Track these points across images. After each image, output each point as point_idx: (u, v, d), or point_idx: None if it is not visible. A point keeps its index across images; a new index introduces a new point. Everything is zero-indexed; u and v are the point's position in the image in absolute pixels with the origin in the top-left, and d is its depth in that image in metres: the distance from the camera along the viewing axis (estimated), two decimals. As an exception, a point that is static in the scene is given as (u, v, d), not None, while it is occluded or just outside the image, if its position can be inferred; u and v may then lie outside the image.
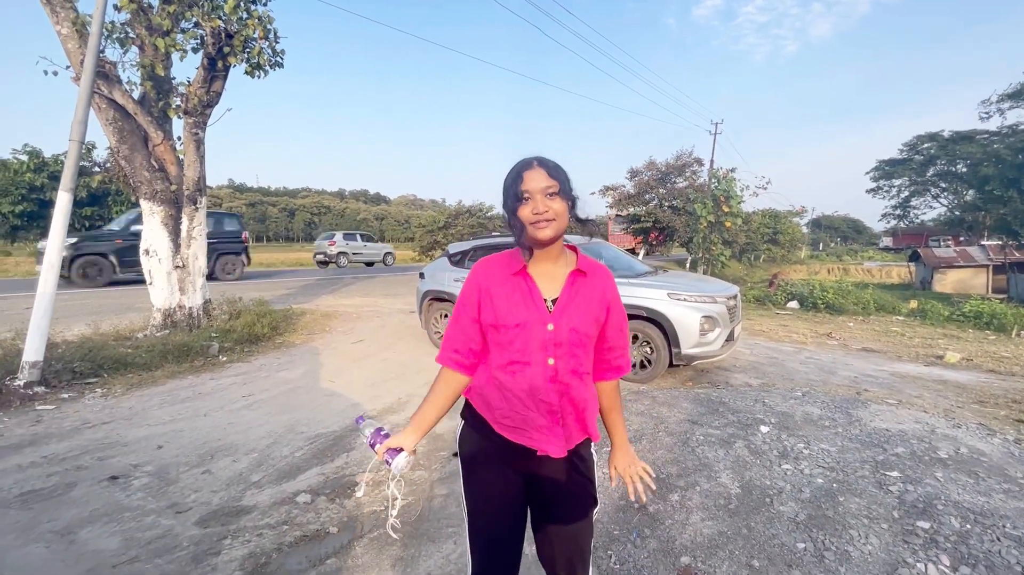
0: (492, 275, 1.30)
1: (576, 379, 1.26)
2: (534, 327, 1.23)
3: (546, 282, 1.28)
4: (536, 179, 1.19)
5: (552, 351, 1.23)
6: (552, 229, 1.19)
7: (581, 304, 1.26)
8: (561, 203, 1.19)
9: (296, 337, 6.99)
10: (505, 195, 1.24)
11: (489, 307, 1.28)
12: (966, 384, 5.03)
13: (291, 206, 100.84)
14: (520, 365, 1.25)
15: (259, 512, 2.67)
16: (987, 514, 2.47)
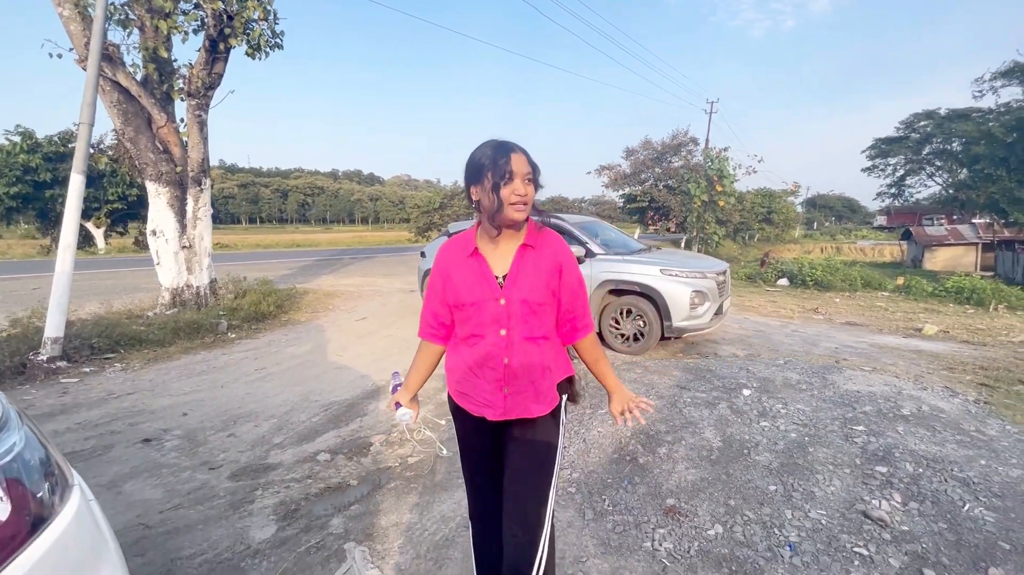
0: (451, 259, 1.43)
1: (531, 344, 1.37)
2: (487, 303, 1.35)
3: (497, 259, 1.39)
4: (521, 163, 1.29)
5: (505, 322, 1.35)
6: (525, 212, 1.32)
7: (530, 275, 1.35)
8: (532, 190, 1.32)
9: (301, 315, 7.21)
10: (489, 171, 1.29)
11: (451, 288, 1.41)
12: (939, 353, 5.34)
13: (284, 187, 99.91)
14: (476, 338, 1.39)
15: (284, 468, 2.94)
16: (938, 460, 2.77)
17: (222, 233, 43.33)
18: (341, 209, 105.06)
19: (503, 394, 1.38)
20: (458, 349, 1.46)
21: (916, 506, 2.39)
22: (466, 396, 1.44)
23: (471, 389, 1.42)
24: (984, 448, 2.94)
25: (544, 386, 1.41)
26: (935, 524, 2.26)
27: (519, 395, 1.38)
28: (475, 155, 1.33)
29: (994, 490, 2.51)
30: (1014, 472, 2.68)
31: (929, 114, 26.46)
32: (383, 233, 53.78)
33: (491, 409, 1.40)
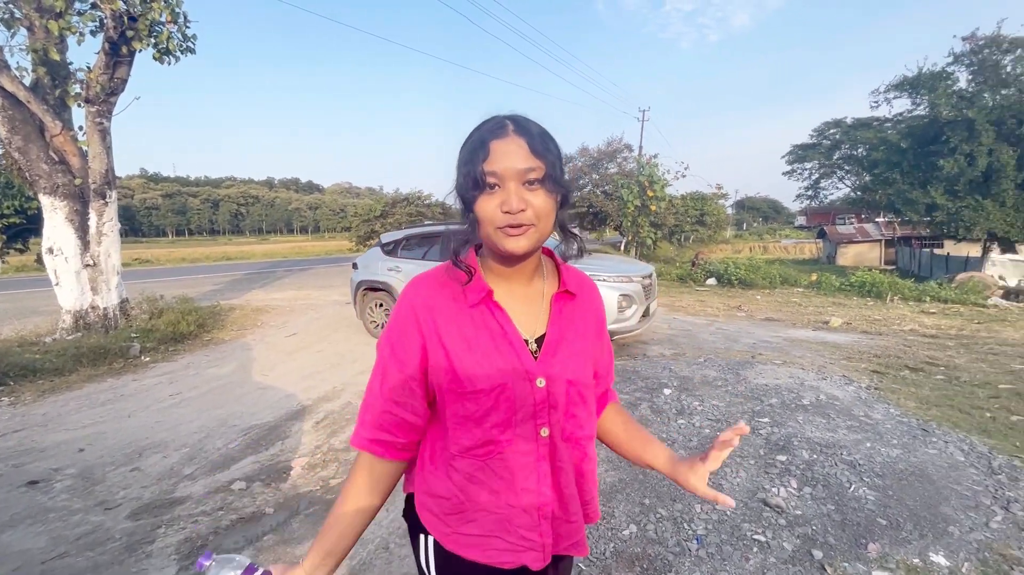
0: (439, 305, 0.83)
1: (575, 448, 0.88)
2: (518, 386, 0.80)
3: (522, 312, 0.85)
4: (511, 155, 0.73)
5: (546, 417, 0.82)
6: (528, 239, 0.76)
7: (575, 340, 0.87)
8: (546, 198, 0.75)
9: (225, 334, 6.82)
10: (459, 174, 0.78)
11: (442, 359, 0.81)
12: (841, 344, 5.83)
13: (215, 196, 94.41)
14: (498, 446, 0.82)
15: (193, 502, 2.76)
16: (830, 446, 3.02)
17: (144, 247, 40.29)
18: (278, 219, 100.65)
19: (550, 526, 0.86)
20: (455, 467, 0.84)
21: (809, 491, 2.59)
22: (485, 542, 0.84)
23: (496, 528, 0.84)
24: (870, 431, 3.23)
25: (592, 504, 0.93)
26: (824, 506, 2.46)
27: (571, 523, 0.87)
28: (464, 143, 0.81)
29: (876, 470, 2.76)
30: (894, 452, 2.96)
31: (837, 122, 28.99)
32: (323, 243, 51.98)
33: (535, 552, 0.85)
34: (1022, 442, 3.11)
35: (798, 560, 2.11)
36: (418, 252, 6.31)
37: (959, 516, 2.36)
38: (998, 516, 2.36)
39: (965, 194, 15.23)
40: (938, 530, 2.27)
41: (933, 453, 2.95)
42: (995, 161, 14.59)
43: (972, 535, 2.23)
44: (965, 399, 3.86)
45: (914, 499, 2.50)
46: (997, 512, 2.39)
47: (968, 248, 18.21)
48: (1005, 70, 15.20)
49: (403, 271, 6.20)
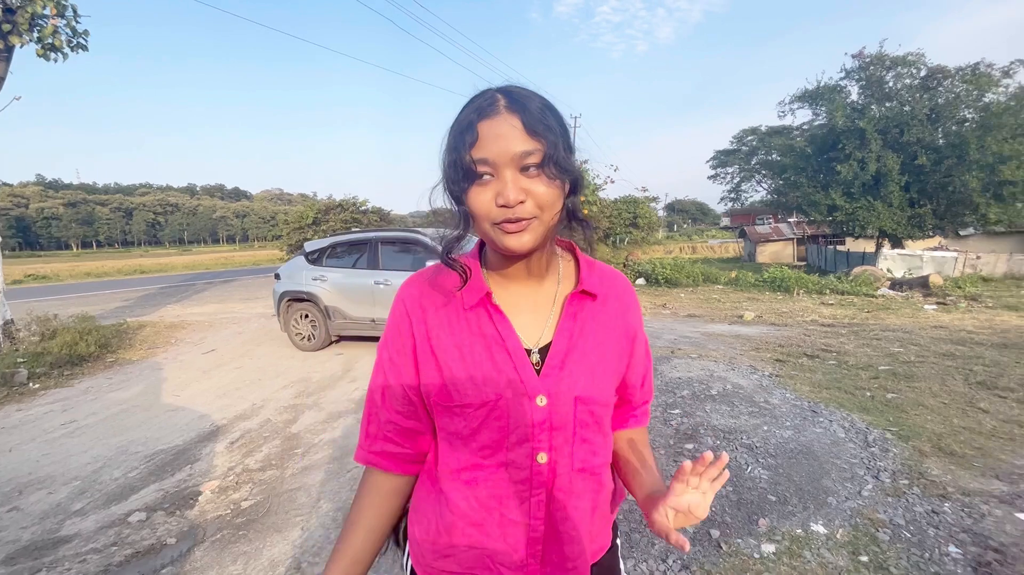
0: (432, 306, 0.74)
1: (587, 479, 0.74)
2: (513, 403, 0.69)
3: (526, 316, 0.74)
4: (503, 137, 0.61)
5: (546, 441, 0.69)
6: (531, 233, 0.64)
7: (590, 352, 0.73)
8: (549, 185, 0.63)
9: (133, 353, 6.30)
10: (445, 163, 0.66)
11: (432, 369, 0.72)
12: (751, 336, 6.29)
13: (127, 205, 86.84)
14: (488, 470, 0.71)
15: (81, 539, 2.53)
16: (732, 431, 3.26)
17: (42, 262, 36.34)
18: (202, 228, 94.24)
19: (539, 566, 0.73)
20: (442, 489, 0.75)
21: (712, 474, 2.78)
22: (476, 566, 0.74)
23: (479, 564, 0.73)
24: (768, 415, 3.52)
25: (601, 538, 0.81)
26: (723, 488, 2.64)
27: (566, 567, 0.74)
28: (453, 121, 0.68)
29: (770, 451, 3.01)
30: (786, 433, 3.24)
31: (754, 130, 31.34)
32: (252, 252, 49.22)
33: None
34: (894, 417, 3.50)
35: (697, 540, 2.26)
36: (347, 260, 6.15)
37: (837, 487, 2.63)
38: (869, 485, 2.64)
39: (859, 196, 16.92)
40: (819, 501, 2.51)
41: (819, 432, 3.26)
42: (883, 166, 16.33)
43: (847, 503, 2.48)
44: (850, 381, 4.30)
45: (800, 475, 2.74)
46: (868, 481, 2.68)
47: (865, 244, 20.21)
48: (888, 85, 17.06)
49: (329, 280, 6.02)
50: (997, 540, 2.15)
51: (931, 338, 5.85)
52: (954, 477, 2.67)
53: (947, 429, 3.26)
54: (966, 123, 16.05)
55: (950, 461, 2.85)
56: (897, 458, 2.90)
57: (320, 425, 3.87)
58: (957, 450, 2.96)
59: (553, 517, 0.72)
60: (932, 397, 3.86)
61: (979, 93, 15.60)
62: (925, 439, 3.12)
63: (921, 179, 16.48)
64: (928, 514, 2.36)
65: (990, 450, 2.96)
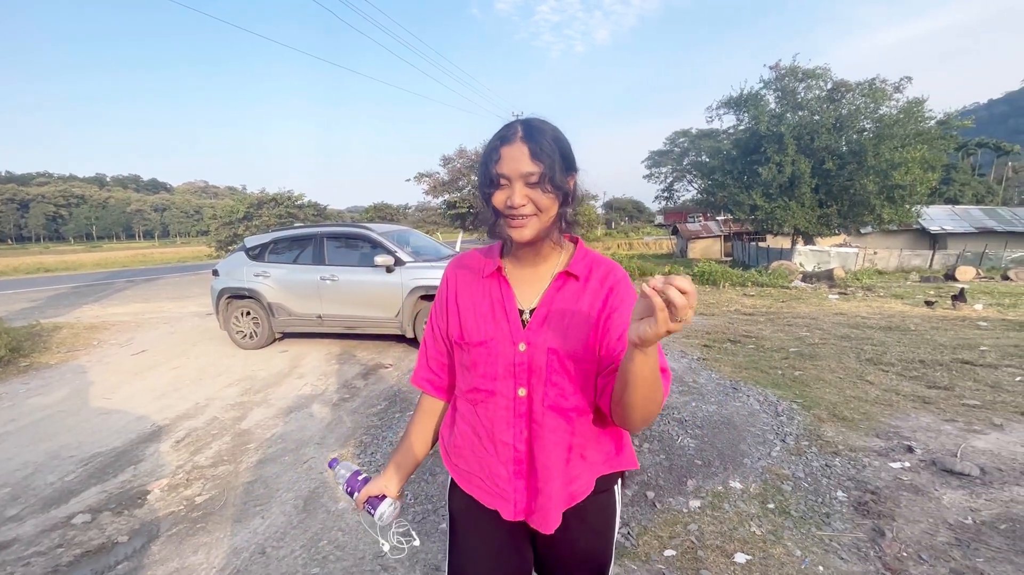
0: (462, 277, 1.05)
1: (556, 418, 0.93)
2: (501, 346, 0.94)
3: (527, 287, 0.99)
4: (515, 159, 0.86)
5: (524, 379, 0.93)
6: (531, 229, 0.89)
7: (565, 316, 0.94)
8: (546, 196, 0.88)
9: (50, 357, 5.86)
10: (479, 174, 0.94)
11: (455, 317, 1.02)
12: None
13: (23, 196, 77.66)
14: (484, 394, 0.97)
15: (22, 544, 2.44)
16: (666, 408, 3.62)
17: (-84, 259, 31.84)
18: (113, 222, 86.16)
19: (523, 484, 0.96)
20: (458, 407, 1.04)
21: (647, 446, 3.10)
22: (472, 478, 1.01)
23: (479, 468, 0.99)
24: (696, 394, 3.93)
25: (580, 482, 0.97)
26: (658, 457, 2.97)
27: (544, 493, 0.93)
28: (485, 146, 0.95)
29: (697, 423, 3.39)
30: (711, 408, 3.65)
31: (685, 132, 33.19)
32: (175, 249, 45.79)
33: (506, 503, 0.96)
34: (800, 390, 4.02)
35: (636, 503, 2.55)
36: (288, 256, 6.03)
37: (752, 451, 3.03)
38: (777, 447, 3.07)
39: (777, 196, 18.46)
40: (737, 463, 2.89)
41: (738, 405, 3.69)
42: (796, 170, 17.91)
43: (759, 463, 2.88)
44: (766, 362, 4.84)
45: (722, 442, 3.13)
46: (776, 444, 3.10)
47: (783, 241, 22.05)
48: (800, 95, 18.70)
49: (272, 276, 5.89)
50: (873, 485, 2.61)
51: (832, 323, 6.63)
52: (844, 437, 3.15)
53: (841, 399, 3.80)
54: (864, 132, 17.93)
55: (842, 425, 3.34)
56: (800, 424, 3.37)
57: (271, 420, 3.86)
58: (848, 416, 3.47)
59: (532, 444, 0.94)
60: (830, 373, 4.44)
61: (875, 106, 17.48)
62: (823, 408, 3.63)
63: (828, 182, 18.22)
64: (822, 468, 2.80)
65: (873, 415, 3.50)
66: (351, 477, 1.11)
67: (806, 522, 2.32)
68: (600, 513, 1.02)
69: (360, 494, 1.08)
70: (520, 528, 1.00)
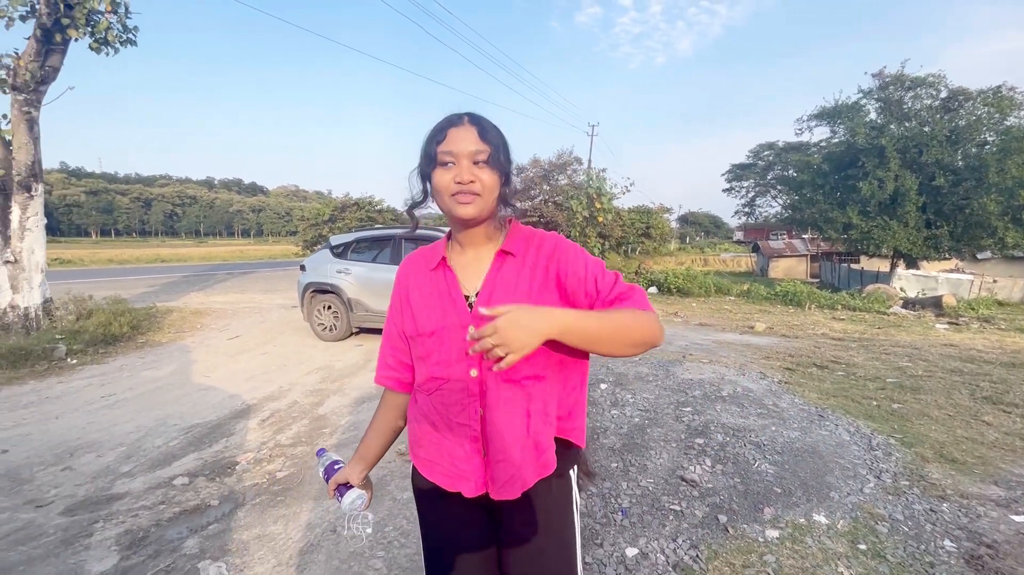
0: (412, 273, 1.08)
1: (514, 387, 0.96)
2: (451, 334, 0.97)
3: (470, 273, 1.02)
4: (463, 139, 0.92)
5: (476, 359, 0.95)
6: (475, 206, 0.93)
7: (509, 292, 0.97)
8: (491, 174, 0.93)
9: (162, 336, 6.57)
10: (421, 154, 0.97)
11: (408, 312, 1.05)
12: (762, 345, 6.41)
13: (147, 195, 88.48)
14: (438, 382, 0.99)
15: (132, 497, 2.74)
16: (742, 430, 3.40)
17: (64, 247, 37.23)
18: (218, 221, 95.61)
19: (482, 460, 0.98)
20: (416, 398, 1.07)
21: (720, 467, 2.92)
22: (434, 465, 1.03)
23: (437, 454, 1.02)
24: (776, 417, 3.66)
25: (542, 442, 0.98)
26: (732, 480, 2.79)
27: (506, 462, 0.96)
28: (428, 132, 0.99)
29: (777, 449, 3.15)
30: (793, 434, 3.37)
31: (770, 145, 31.34)
32: (267, 247, 49.94)
33: (467, 482, 0.99)
34: (899, 424, 3.62)
35: (706, 525, 2.41)
36: (368, 255, 6.37)
37: (840, 484, 2.76)
38: (871, 483, 2.78)
39: (875, 215, 16.90)
40: (822, 495, 2.64)
41: (825, 434, 3.39)
42: (900, 186, 16.32)
43: (848, 498, 2.62)
44: (858, 391, 4.41)
45: (805, 471, 2.88)
46: (870, 480, 2.81)
47: (879, 264, 20.12)
48: (907, 105, 17.07)
49: (352, 274, 6.24)
50: (990, 537, 2.28)
51: (940, 355, 5.93)
52: (954, 481, 2.79)
53: (950, 438, 3.38)
54: (986, 146, 16.02)
55: (951, 467, 2.97)
56: (899, 462, 3.03)
57: (345, 408, 4.07)
58: (958, 458, 3.08)
59: (488, 420, 0.97)
60: (937, 409, 3.97)
61: (1000, 116, 15.57)
62: (928, 446, 3.24)
63: (938, 200, 16.44)
64: (926, 512, 2.49)
65: (991, 459, 3.07)
66: (329, 466, 1.19)
67: (905, 570, 2.07)
68: (557, 495, 1.02)
69: (330, 482, 1.14)
70: (482, 507, 1.03)
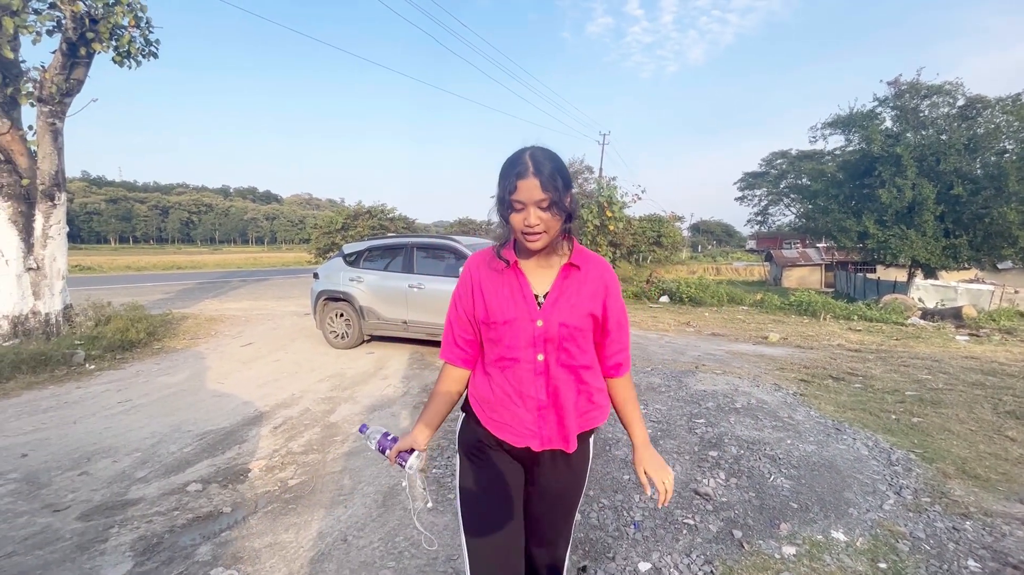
0: (484, 270, 1.31)
1: (567, 373, 1.25)
2: (523, 323, 1.22)
3: (538, 277, 1.27)
4: (529, 190, 1.13)
5: (542, 347, 1.22)
6: (543, 241, 1.19)
7: (572, 297, 1.24)
8: (553, 216, 1.17)
9: (177, 342, 6.66)
10: (498, 198, 1.21)
11: (481, 303, 1.28)
12: (776, 356, 6.31)
13: (164, 203, 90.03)
14: (509, 361, 1.25)
15: (147, 503, 2.76)
16: (756, 443, 3.34)
17: (84, 254, 38.00)
18: (232, 228, 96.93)
19: (547, 422, 1.26)
20: (489, 373, 1.31)
21: (735, 481, 2.88)
22: (504, 426, 1.28)
23: (509, 417, 1.27)
24: (791, 430, 3.59)
25: (588, 416, 1.30)
26: (746, 494, 2.74)
27: (565, 426, 1.25)
28: (502, 167, 1.20)
29: (793, 462, 3.09)
30: (809, 448, 3.31)
31: (783, 153, 31.07)
32: (280, 254, 50.53)
33: (533, 438, 1.26)
34: (919, 439, 3.54)
35: (720, 539, 2.37)
36: (380, 263, 6.41)
37: (858, 500, 2.70)
38: (891, 499, 2.71)
39: (892, 224, 16.64)
40: (840, 511, 2.59)
41: (842, 448, 3.32)
42: (918, 195, 16.06)
43: (868, 515, 2.56)
44: (876, 404, 4.32)
45: (822, 486, 2.82)
46: (890, 496, 2.74)
47: (896, 273, 19.79)
48: (923, 113, 16.85)
49: (365, 282, 6.28)
50: (1017, 557, 2.21)
51: (961, 367, 5.79)
52: (977, 498, 2.72)
53: (972, 454, 3.29)
54: (1006, 154, 15.73)
55: (974, 484, 2.89)
56: (920, 478, 2.95)
57: (357, 416, 4.08)
58: (981, 474, 3.00)
59: (550, 394, 1.25)
60: (959, 423, 3.87)
61: (1020, 124, 15.30)
62: (949, 462, 3.16)
63: (957, 209, 16.15)
64: (949, 530, 2.43)
65: (1015, 476, 2.99)
66: (381, 438, 1.36)
67: (928, 590, 2.01)
68: (579, 457, 1.32)
69: (392, 450, 1.32)
70: (522, 460, 1.32)
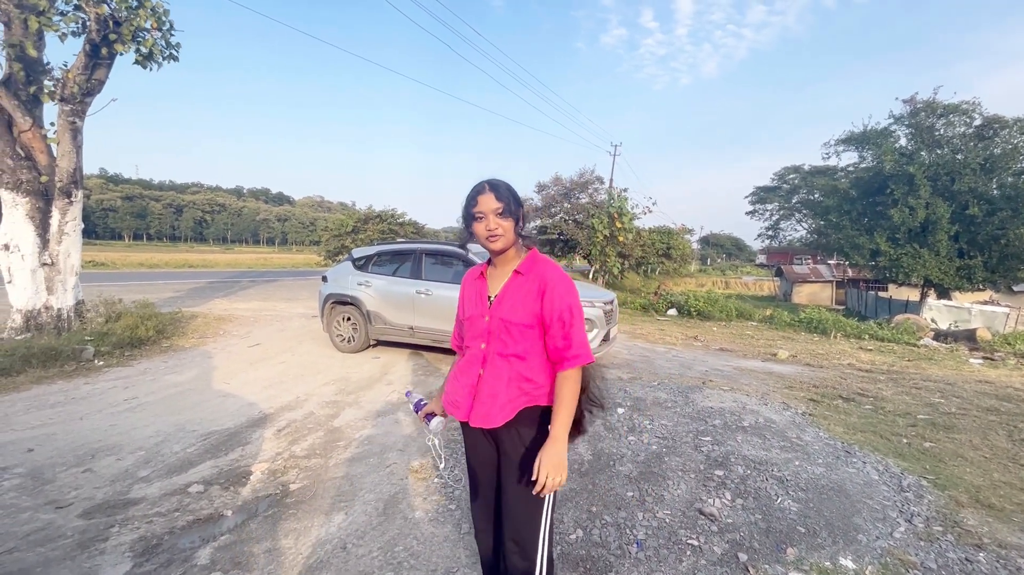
0: (467, 279, 1.69)
1: (502, 359, 1.52)
2: (478, 319, 1.57)
3: (496, 282, 1.59)
4: (486, 202, 1.47)
5: (485, 338, 1.54)
6: (501, 242, 1.50)
7: (514, 298, 1.51)
8: (508, 221, 1.48)
9: (186, 341, 6.70)
10: (463, 216, 1.54)
11: (461, 305, 1.69)
12: (785, 374, 6.22)
13: (178, 202, 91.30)
14: (467, 349, 1.62)
15: (148, 503, 2.76)
16: (764, 463, 3.28)
17: (98, 250, 38.57)
18: (244, 229, 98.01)
19: (471, 399, 1.55)
20: (457, 360, 1.71)
21: (741, 502, 2.82)
22: (452, 403, 1.62)
23: (452, 391, 1.63)
24: (799, 451, 3.53)
25: (515, 401, 1.51)
26: (753, 515, 2.69)
27: (484, 405, 1.52)
28: (465, 197, 1.55)
29: (801, 485, 3.03)
30: (818, 470, 3.25)
31: (796, 168, 30.92)
32: (291, 256, 50.93)
33: (458, 410, 1.58)
34: (931, 465, 3.46)
35: (725, 562, 2.32)
36: (389, 268, 6.43)
37: (868, 526, 2.64)
38: (902, 527, 2.64)
39: (905, 243, 16.46)
40: (849, 537, 2.53)
41: (852, 472, 3.25)
42: (932, 214, 15.89)
43: (878, 542, 2.50)
44: (887, 427, 4.24)
45: (831, 510, 2.76)
46: (901, 523, 2.68)
47: (908, 292, 19.52)
48: (938, 132, 16.70)
49: (373, 286, 6.30)
50: (1033, 593, 2.14)
51: (975, 392, 5.67)
52: (991, 529, 2.65)
53: (987, 482, 3.21)
54: (1023, 175, 15.53)
55: (988, 513, 2.81)
56: (932, 505, 2.88)
57: (360, 422, 4.07)
58: (996, 503, 2.92)
59: (483, 378, 1.55)
60: (972, 450, 3.78)
61: (1038, 145, 15.11)
62: (962, 490, 3.08)
63: (972, 230, 15.94)
64: (961, 561, 2.36)
65: (1032, 507, 2.90)
66: (418, 402, 1.87)
67: (940, 624, 1.95)
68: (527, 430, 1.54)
69: (421, 412, 1.82)
70: (489, 437, 1.60)
